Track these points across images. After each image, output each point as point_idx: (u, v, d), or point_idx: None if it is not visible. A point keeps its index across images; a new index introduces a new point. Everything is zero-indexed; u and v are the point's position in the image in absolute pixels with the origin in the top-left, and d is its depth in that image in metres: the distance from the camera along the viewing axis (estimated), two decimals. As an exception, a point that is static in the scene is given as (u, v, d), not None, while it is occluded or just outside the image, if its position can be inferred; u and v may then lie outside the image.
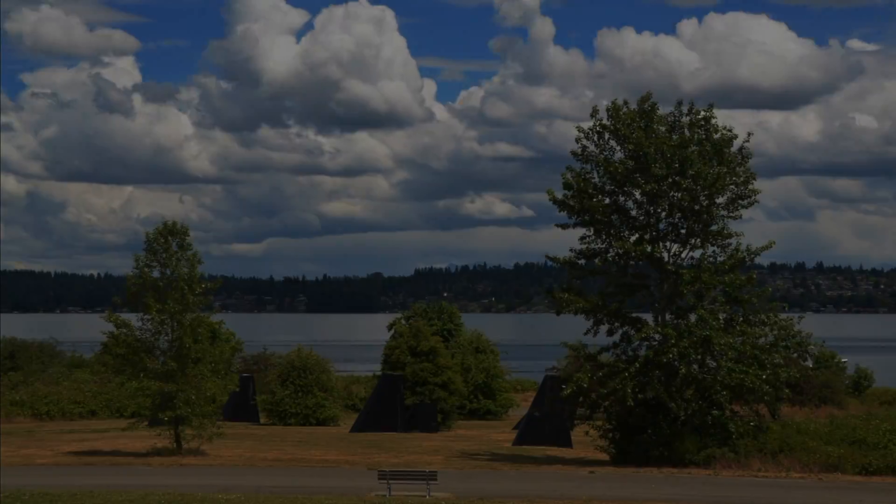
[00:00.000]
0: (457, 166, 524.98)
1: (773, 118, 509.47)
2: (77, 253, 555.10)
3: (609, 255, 42.70)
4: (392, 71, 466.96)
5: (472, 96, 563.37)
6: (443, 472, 36.26)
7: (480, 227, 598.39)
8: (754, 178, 42.46)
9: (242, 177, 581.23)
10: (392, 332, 74.57)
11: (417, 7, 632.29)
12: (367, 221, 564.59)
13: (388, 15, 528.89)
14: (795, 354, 44.60)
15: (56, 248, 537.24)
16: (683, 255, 42.62)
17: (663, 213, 42.30)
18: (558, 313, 43.74)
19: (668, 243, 42.54)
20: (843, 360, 78.65)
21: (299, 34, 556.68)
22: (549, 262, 44.33)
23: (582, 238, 43.01)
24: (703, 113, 42.31)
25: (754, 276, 42.98)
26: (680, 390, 41.02)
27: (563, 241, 43.22)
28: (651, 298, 42.97)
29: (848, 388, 78.81)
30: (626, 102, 42.73)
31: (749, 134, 43.00)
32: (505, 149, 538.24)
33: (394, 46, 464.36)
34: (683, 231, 42.40)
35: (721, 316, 41.74)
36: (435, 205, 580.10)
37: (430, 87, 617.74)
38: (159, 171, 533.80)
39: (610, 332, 42.97)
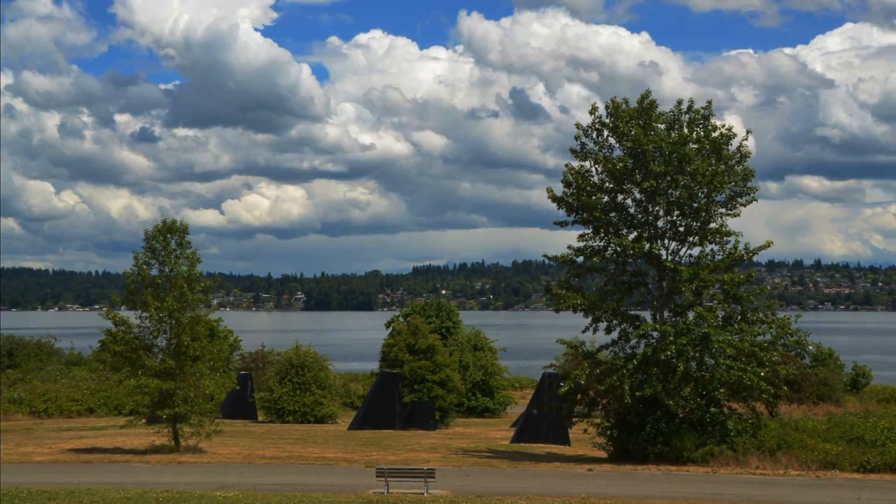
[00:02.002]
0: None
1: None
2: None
3: (608, 252, 42.63)
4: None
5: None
6: (441, 470, 36.28)
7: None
8: (752, 176, 42.41)
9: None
10: (390, 329, 74.66)
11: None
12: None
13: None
14: (794, 352, 44.58)
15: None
16: (682, 253, 42.58)
17: (662, 211, 42.24)
18: (557, 310, 43.72)
19: (666, 241, 42.48)
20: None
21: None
22: (548, 261, 44.23)
23: (581, 236, 42.96)
24: (701, 111, 42.30)
25: (753, 273, 42.98)
26: (678, 388, 41.00)
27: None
28: (649, 296, 42.93)
29: (846, 385, 78.94)
30: (625, 100, 42.71)
31: (748, 132, 43.04)
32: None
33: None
34: (682, 229, 42.34)
35: (719, 313, 41.72)
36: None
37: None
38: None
39: (608, 330, 42.92)
